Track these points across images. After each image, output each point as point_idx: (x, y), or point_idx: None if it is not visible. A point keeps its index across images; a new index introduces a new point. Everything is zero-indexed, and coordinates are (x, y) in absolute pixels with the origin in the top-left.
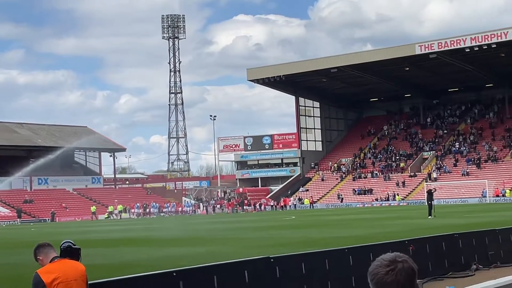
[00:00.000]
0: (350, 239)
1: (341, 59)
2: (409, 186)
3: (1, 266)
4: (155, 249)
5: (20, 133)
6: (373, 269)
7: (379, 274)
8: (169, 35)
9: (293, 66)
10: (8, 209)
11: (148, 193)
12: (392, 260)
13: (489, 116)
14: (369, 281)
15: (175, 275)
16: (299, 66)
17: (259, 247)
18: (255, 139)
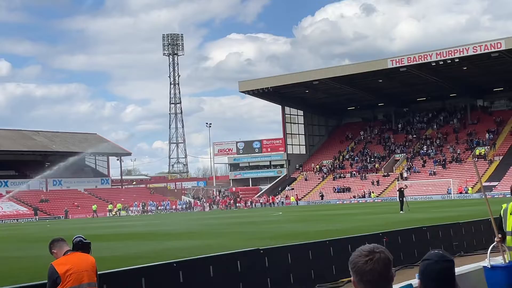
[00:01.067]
0: (330, 232)
1: (322, 72)
2: (383, 185)
3: (21, 259)
4: (156, 243)
5: (37, 140)
6: (353, 259)
7: (359, 263)
8: (169, 52)
9: (279, 79)
10: (26, 208)
11: (151, 193)
12: (371, 251)
13: (453, 122)
14: (350, 269)
15: (175, 266)
16: (285, 79)
17: (250, 240)
18: (246, 143)
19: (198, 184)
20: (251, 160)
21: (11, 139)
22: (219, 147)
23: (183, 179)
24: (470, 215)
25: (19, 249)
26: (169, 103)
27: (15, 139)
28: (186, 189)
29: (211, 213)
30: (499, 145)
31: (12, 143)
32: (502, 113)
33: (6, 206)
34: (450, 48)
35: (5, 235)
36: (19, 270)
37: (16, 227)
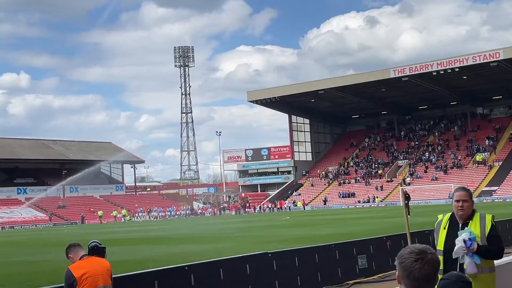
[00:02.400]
0: (336, 236)
1: (327, 82)
2: (387, 190)
3: (39, 263)
4: (169, 247)
5: (54, 148)
6: (404, 255)
7: (409, 259)
8: (181, 63)
9: (286, 89)
10: (44, 214)
11: (164, 199)
12: (423, 251)
13: (453, 129)
14: (396, 264)
15: (187, 269)
16: (291, 89)
17: (259, 244)
18: (255, 151)
19: (208, 190)
20: (260, 167)
21: (30, 148)
22: (229, 155)
23: (194, 185)
24: None
25: (38, 253)
26: (181, 112)
27: (33, 148)
28: (197, 195)
29: (221, 218)
30: (499, 151)
31: (31, 152)
32: (501, 120)
33: (25, 212)
34: (451, 58)
35: (24, 240)
36: (38, 274)
37: (34, 233)
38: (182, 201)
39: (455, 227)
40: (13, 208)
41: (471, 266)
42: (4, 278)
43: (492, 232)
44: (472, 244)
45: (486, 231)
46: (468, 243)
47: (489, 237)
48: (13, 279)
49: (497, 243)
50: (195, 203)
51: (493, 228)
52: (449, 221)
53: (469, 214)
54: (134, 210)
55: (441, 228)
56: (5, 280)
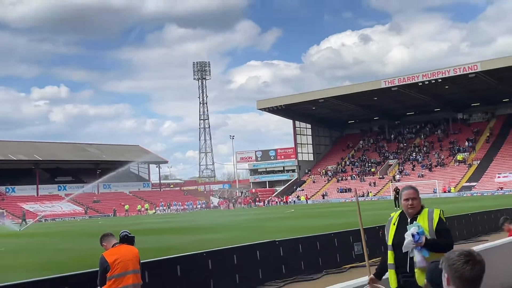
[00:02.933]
0: (335, 226)
1: (326, 92)
2: (379, 186)
3: (77, 250)
4: (189, 236)
5: (90, 151)
6: (454, 257)
7: (459, 261)
8: (199, 76)
9: (290, 98)
10: (81, 207)
11: (185, 194)
12: (471, 254)
13: (437, 133)
14: (445, 266)
15: (205, 255)
16: (295, 98)
17: (267, 233)
18: (264, 152)
19: (223, 186)
20: (268, 166)
21: (69, 151)
22: (241, 156)
23: (211, 182)
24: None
25: (76, 242)
26: (199, 119)
27: (72, 151)
28: (213, 191)
29: (235, 211)
30: (477, 151)
31: (70, 154)
32: (478, 124)
33: (65, 206)
34: (434, 70)
35: (64, 230)
36: (76, 260)
37: (73, 224)
38: (200, 196)
39: (404, 222)
40: (54, 203)
41: (420, 260)
42: (47, 264)
43: (439, 226)
44: (420, 238)
45: (433, 225)
46: (416, 237)
47: (437, 230)
48: (54, 265)
49: (445, 236)
50: (212, 198)
51: (441, 222)
52: (399, 217)
53: (418, 211)
54: (156, 204)
55: (391, 224)
56: (48, 265)
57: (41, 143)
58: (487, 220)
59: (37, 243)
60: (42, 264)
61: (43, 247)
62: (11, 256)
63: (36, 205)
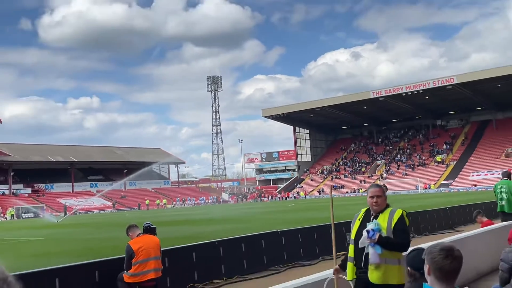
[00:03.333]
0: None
1: (322, 102)
2: (368, 183)
3: (106, 239)
4: (203, 227)
5: (118, 153)
6: (435, 251)
7: (440, 255)
8: (212, 89)
9: (291, 107)
10: (110, 202)
11: (200, 190)
12: (451, 249)
13: (419, 137)
14: (427, 258)
15: (217, 244)
16: (295, 107)
17: (271, 224)
18: (268, 154)
19: (233, 184)
20: (271, 166)
21: (100, 153)
22: (248, 157)
23: (222, 180)
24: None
25: (105, 232)
26: (212, 125)
27: (102, 153)
28: (224, 188)
29: (242, 205)
30: (454, 153)
31: (101, 156)
32: (455, 129)
33: (96, 201)
34: (416, 82)
35: (95, 222)
36: (105, 248)
37: (103, 216)
38: (213, 192)
39: (367, 219)
40: (87, 198)
41: (373, 256)
42: (80, 251)
43: (398, 225)
44: (374, 235)
45: (392, 223)
46: (371, 233)
47: (394, 229)
48: (86, 252)
49: (401, 236)
50: (223, 193)
51: (400, 222)
52: (365, 213)
53: (383, 208)
54: (173, 199)
55: (356, 219)
56: (81, 252)
57: (76, 146)
58: (463, 213)
59: (73, 233)
60: (77, 251)
61: (77, 237)
62: (51, 244)
63: (71, 200)
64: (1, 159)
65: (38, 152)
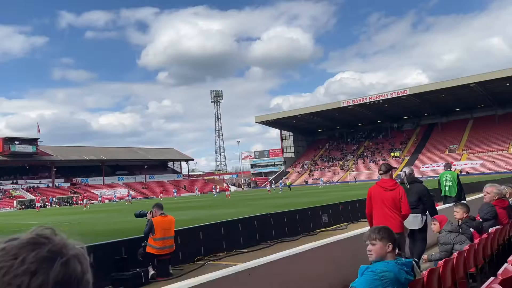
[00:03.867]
0: (309, 203)
1: (302, 110)
2: (340, 174)
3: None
4: (208, 210)
5: (139, 152)
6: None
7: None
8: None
9: (278, 114)
10: (134, 192)
11: (206, 182)
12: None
13: (380, 137)
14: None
15: (219, 225)
16: (282, 115)
17: (262, 208)
18: (260, 152)
19: (232, 176)
20: (263, 162)
21: (125, 152)
22: (245, 154)
23: (224, 173)
24: None
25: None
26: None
27: (127, 152)
28: (225, 179)
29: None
30: (407, 150)
31: (126, 155)
32: (408, 131)
33: (123, 191)
34: (377, 94)
35: (121, 208)
36: (130, 229)
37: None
38: (217, 183)
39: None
40: (116, 189)
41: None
42: (108, 231)
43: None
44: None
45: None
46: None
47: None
48: (114, 232)
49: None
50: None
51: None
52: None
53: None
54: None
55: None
56: (109, 232)
57: (105, 148)
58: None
59: (101, 218)
60: (106, 232)
61: (106, 220)
62: (86, 226)
63: (103, 190)
64: (45, 159)
65: (76, 153)
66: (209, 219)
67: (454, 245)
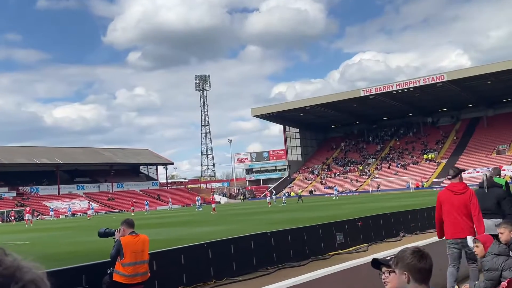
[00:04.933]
0: (320, 218)
1: (312, 100)
2: (360, 182)
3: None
4: (192, 228)
5: (104, 154)
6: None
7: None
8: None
9: (281, 106)
10: (98, 204)
11: (189, 191)
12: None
13: (410, 135)
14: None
15: (206, 246)
16: (285, 106)
17: (261, 225)
18: (258, 154)
19: (223, 184)
20: (262, 166)
21: (86, 154)
22: (238, 157)
23: (212, 181)
24: (423, 204)
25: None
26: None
27: (89, 154)
28: (214, 188)
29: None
30: (444, 151)
31: (87, 157)
32: (446, 127)
33: (83, 204)
34: (406, 80)
35: (82, 225)
36: (93, 251)
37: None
38: (202, 193)
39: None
40: (74, 201)
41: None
42: (66, 254)
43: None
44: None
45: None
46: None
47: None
48: (73, 255)
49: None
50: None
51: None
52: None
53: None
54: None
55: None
56: (67, 255)
57: (61, 148)
58: None
59: (57, 237)
60: (62, 255)
61: (62, 240)
62: (38, 248)
63: (58, 202)
64: None
65: (23, 155)
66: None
67: (502, 272)
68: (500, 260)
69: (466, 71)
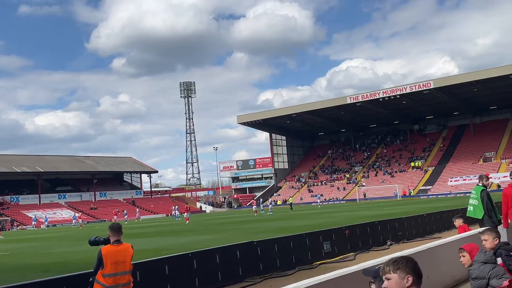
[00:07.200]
0: (307, 227)
1: (299, 108)
2: (346, 190)
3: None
4: (177, 238)
5: (87, 162)
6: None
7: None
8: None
9: (267, 113)
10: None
11: (173, 200)
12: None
13: (397, 143)
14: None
15: (190, 256)
16: (271, 113)
17: (246, 234)
18: (244, 162)
19: (208, 193)
20: (248, 174)
21: (68, 162)
22: (224, 165)
23: (197, 189)
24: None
25: (74, 245)
26: (186, 133)
27: (71, 162)
28: (199, 197)
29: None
30: (431, 159)
31: (69, 166)
32: (433, 135)
33: (65, 213)
34: (393, 87)
35: (64, 235)
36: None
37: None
38: (188, 202)
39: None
40: (55, 210)
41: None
42: (47, 265)
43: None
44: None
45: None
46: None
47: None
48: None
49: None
50: (197, 203)
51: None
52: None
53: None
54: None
55: None
56: (47, 266)
57: (42, 156)
58: (440, 219)
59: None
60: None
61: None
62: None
63: (39, 212)
64: None
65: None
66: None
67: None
68: (487, 268)
69: (453, 79)
